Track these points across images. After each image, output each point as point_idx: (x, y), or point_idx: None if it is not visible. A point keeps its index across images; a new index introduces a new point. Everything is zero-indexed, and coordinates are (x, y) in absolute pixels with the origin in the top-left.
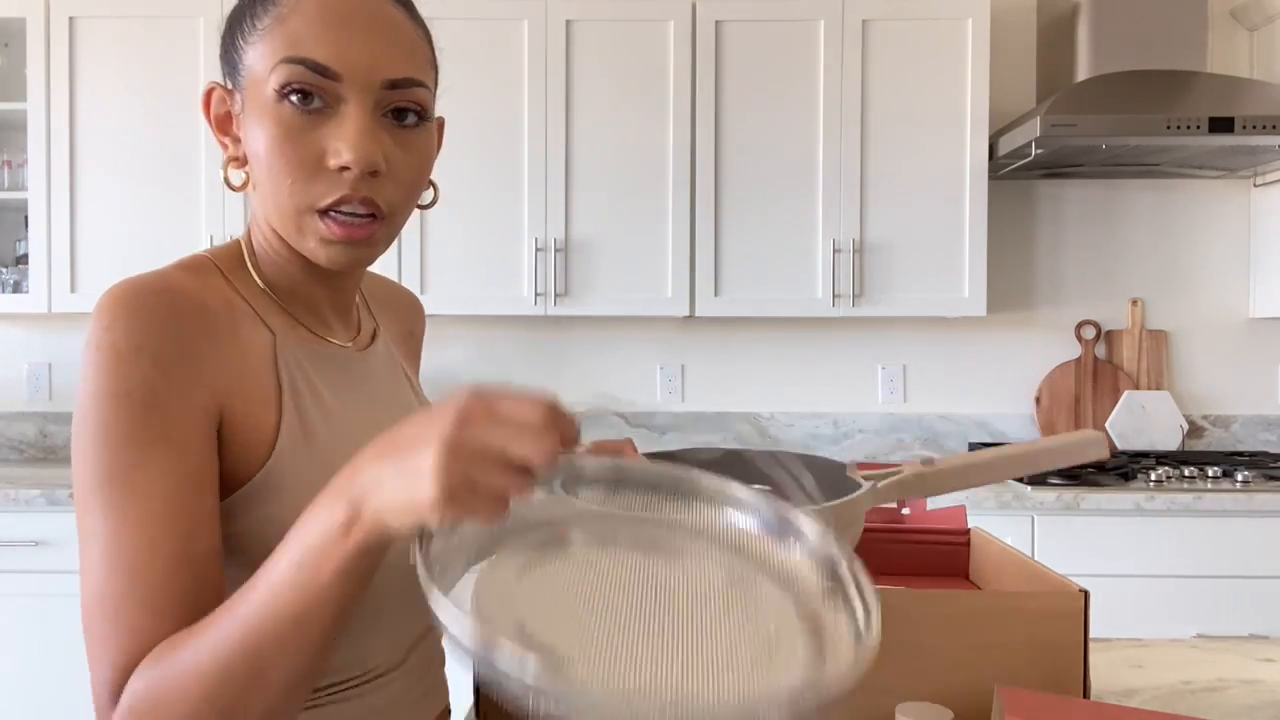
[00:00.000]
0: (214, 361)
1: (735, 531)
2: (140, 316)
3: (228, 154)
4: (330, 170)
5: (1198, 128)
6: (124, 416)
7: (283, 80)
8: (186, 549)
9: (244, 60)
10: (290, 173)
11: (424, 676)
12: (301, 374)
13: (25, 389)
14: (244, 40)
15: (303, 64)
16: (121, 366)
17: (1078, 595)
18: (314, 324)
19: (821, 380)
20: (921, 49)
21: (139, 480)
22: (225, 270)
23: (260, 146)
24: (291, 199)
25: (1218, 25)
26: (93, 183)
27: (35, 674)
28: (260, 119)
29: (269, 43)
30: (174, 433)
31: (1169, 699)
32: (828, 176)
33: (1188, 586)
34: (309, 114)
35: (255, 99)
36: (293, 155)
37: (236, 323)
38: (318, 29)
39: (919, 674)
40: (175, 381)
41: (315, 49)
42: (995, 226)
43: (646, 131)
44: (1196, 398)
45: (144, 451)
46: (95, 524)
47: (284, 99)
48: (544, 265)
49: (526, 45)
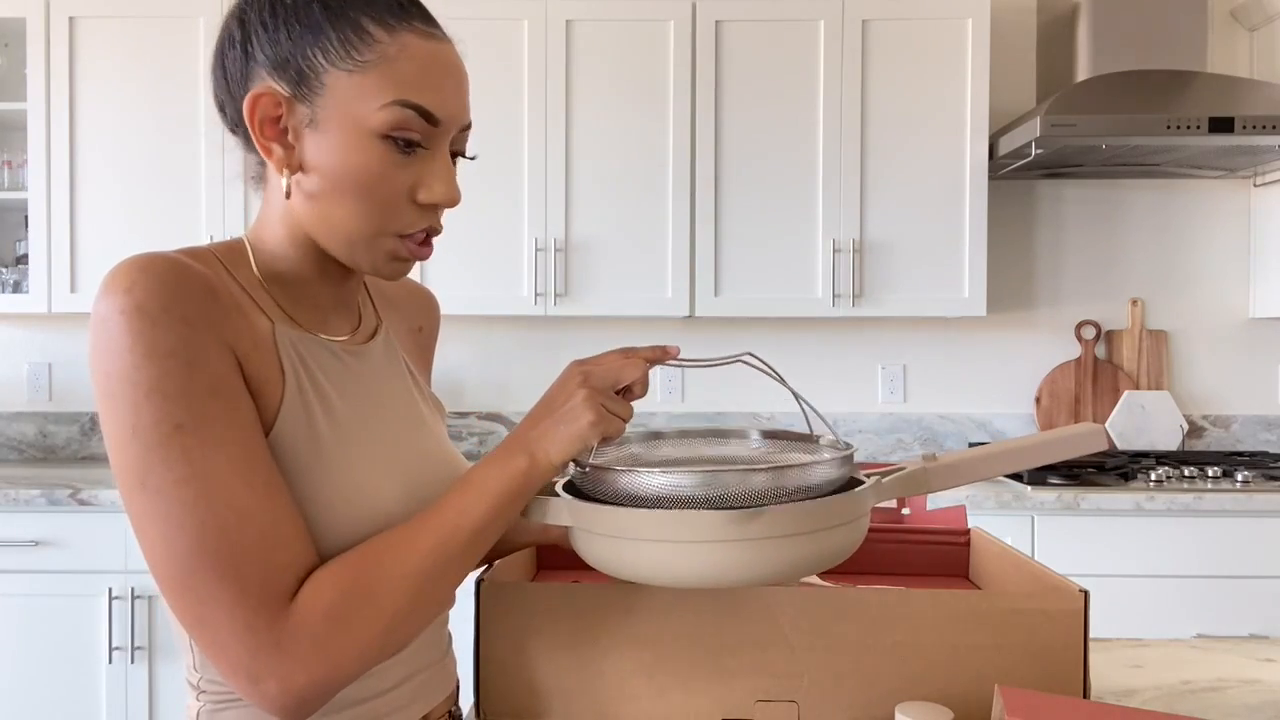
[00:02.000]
0: (227, 329)
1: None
2: (160, 279)
3: (273, 158)
4: (416, 203)
5: (1198, 128)
6: (176, 373)
7: (394, 123)
8: (275, 482)
9: (324, 80)
10: (379, 206)
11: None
12: (301, 361)
13: (25, 389)
14: (325, 59)
15: (416, 110)
16: (158, 326)
17: (1078, 595)
18: (312, 319)
19: (821, 380)
20: (921, 49)
21: (212, 431)
22: (226, 263)
23: (342, 173)
24: (370, 225)
25: (1218, 25)
26: (93, 183)
27: (35, 674)
28: (350, 148)
29: (375, 79)
30: (222, 386)
31: (1169, 699)
32: (828, 176)
33: (1188, 586)
34: (405, 154)
35: (342, 124)
36: (386, 191)
37: (240, 305)
38: (429, 78)
39: (919, 674)
40: (206, 339)
41: (426, 97)
42: (995, 226)
43: (646, 131)
44: (1196, 398)
45: (205, 405)
46: (178, 473)
47: (387, 139)
48: (544, 265)
49: (526, 45)
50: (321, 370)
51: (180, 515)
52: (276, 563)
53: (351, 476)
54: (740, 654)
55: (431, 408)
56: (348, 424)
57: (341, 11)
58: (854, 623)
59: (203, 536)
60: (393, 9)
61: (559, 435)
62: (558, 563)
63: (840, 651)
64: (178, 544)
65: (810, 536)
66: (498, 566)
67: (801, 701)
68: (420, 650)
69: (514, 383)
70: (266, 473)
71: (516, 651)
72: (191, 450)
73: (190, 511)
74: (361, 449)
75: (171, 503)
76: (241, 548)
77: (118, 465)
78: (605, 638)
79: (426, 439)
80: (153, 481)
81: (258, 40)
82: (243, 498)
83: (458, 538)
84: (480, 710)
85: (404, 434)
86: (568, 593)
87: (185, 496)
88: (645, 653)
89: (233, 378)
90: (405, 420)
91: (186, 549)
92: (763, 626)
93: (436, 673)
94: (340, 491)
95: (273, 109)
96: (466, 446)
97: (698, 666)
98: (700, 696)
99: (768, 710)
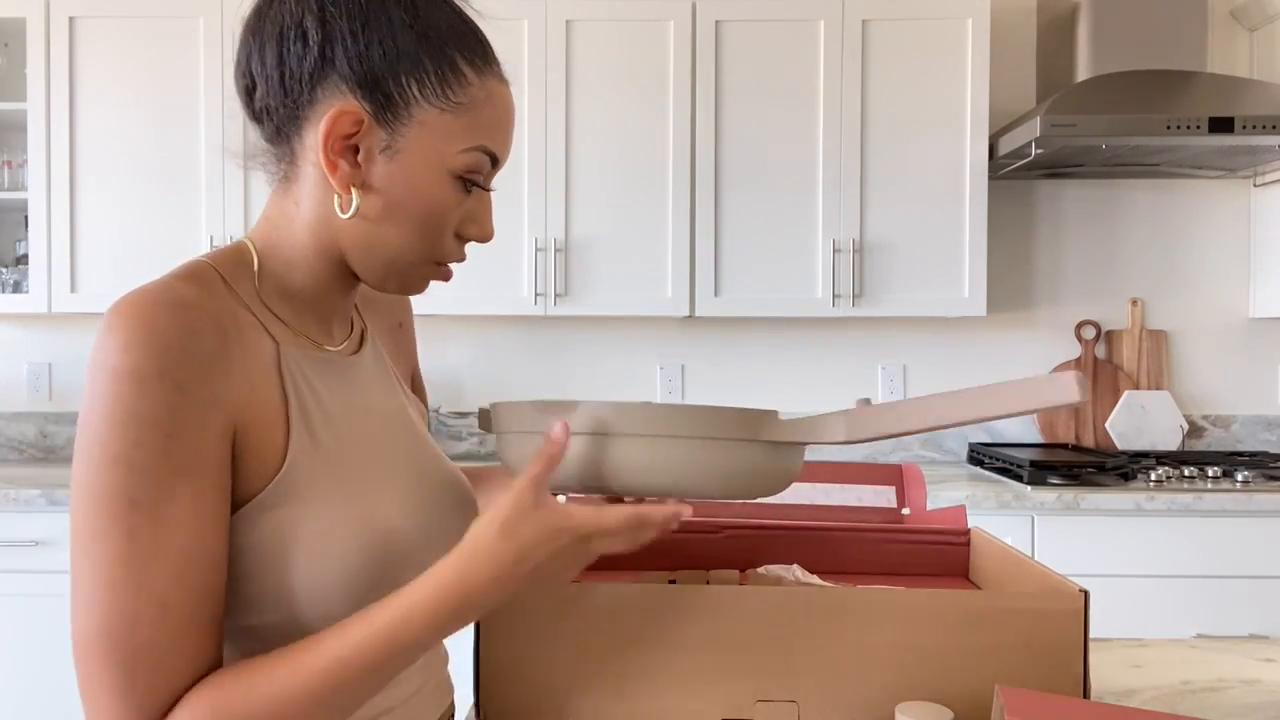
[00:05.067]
0: (229, 380)
1: None
2: (161, 338)
3: (338, 174)
4: (459, 237)
5: (1198, 128)
6: (150, 444)
7: (472, 167)
8: (210, 582)
9: (412, 111)
10: (432, 238)
11: (430, 677)
12: (305, 381)
13: (25, 389)
14: (421, 93)
15: (490, 156)
16: (145, 393)
17: (1078, 595)
18: (318, 331)
19: (821, 380)
20: (921, 49)
21: (166, 512)
22: (227, 277)
23: (410, 203)
24: (418, 254)
25: (1218, 25)
26: (93, 183)
27: (35, 674)
28: (426, 182)
29: (464, 121)
30: (196, 463)
31: (1169, 699)
32: (828, 176)
33: (1188, 586)
34: (468, 193)
35: (424, 159)
36: (443, 225)
37: (243, 333)
38: (504, 125)
39: (919, 674)
40: (197, 407)
41: (499, 145)
42: (995, 226)
43: (646, 131)
44: (1196, 398)
45: (170, 482)
46: (115, 550)
47: (459, 178)
48: (544, 265)
49: (526, 45)
50: (326, 387)
51: (102, 593)
52: (172, 667)
53: (361, 496)
54: (740, 654)
55: (417, 412)
56: (350, 435)
57: (439, 46)
58: (854, 623)
59: (112, 621)
60: (480, 51)
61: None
62: None
63: (840, 651)
64: (92, 616)
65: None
66: None
67: (801, 701)
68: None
69: (514, 383)
70: (205, 570)
71: (516, 651)
72: (138, 531)
73: (112, 592)
74: (366, 467)
75: (99, 577)
76: (146, 645)
77: (71, 511)
78: (605, 638)
79: (422, 450)
80: (93, 548)
81: (344, 49)
82: (170, 592)
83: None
84: (480, 710)
85: (402, 446)
86: (568, 593)
87: (114, 576)
88: (645, 653)
89: (214, 451)
90: (401, 431)
91: (95, 626)
92: (763, 626)
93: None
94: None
95: (350, 127)
96: (466, 446)
97: (698, 666)
98: (700, 696)
99: (768, 710)
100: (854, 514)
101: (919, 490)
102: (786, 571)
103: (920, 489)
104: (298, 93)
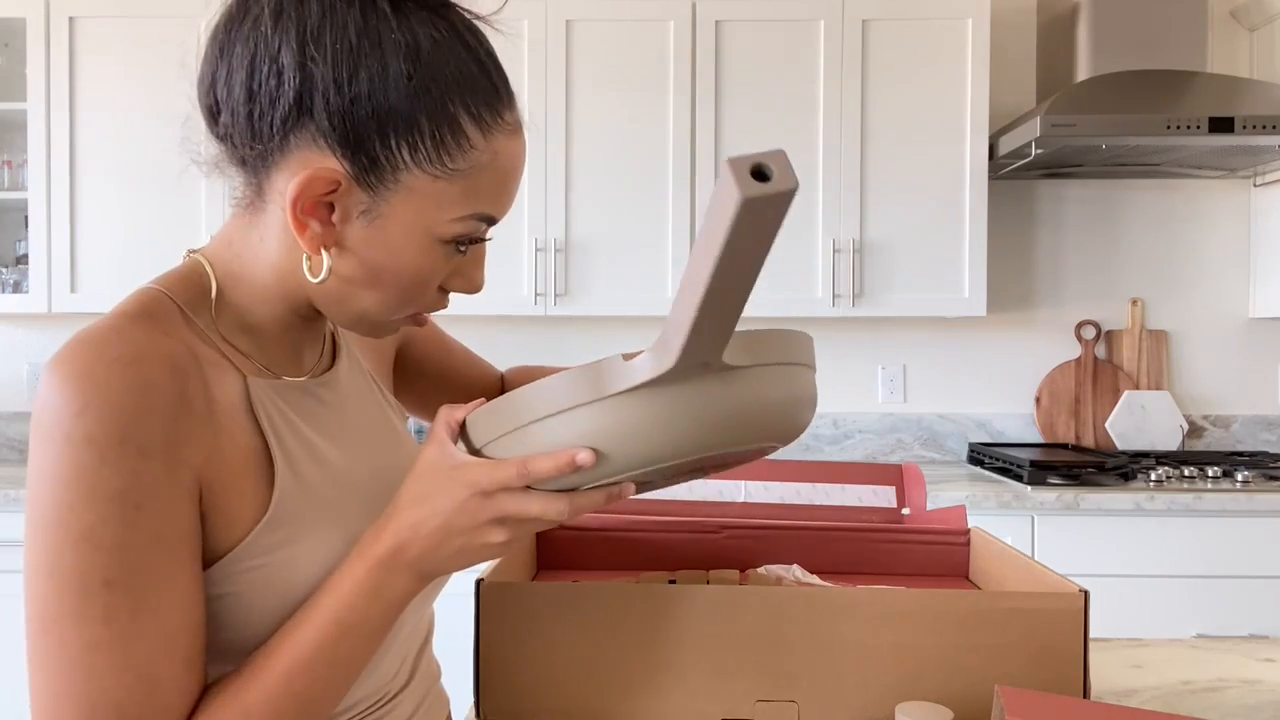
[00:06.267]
0: (192, 433)
1: None
2: (115, 401)
3: (307, 235)
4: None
5: (1198, 128)
6: (118, 519)
7: (464, 233)
8: (195, 652)
9: (400, 178)
10: (412, 297)
11: (427, 692)
12: (280, 414)
13: (25, 389)
14: (412, 159)
15: (488, 222)
16: (106, 464)
17: (1078, 595)
18: (284, 361)
19: (821, 380)
20: (921, 49)
21: (144, 588)
22: (185, 307)
23: (388, 268)
24: (392, 311)
25: (1218, 25)
26: (93, 183)
27: None
28: (409, 249)
29: (460, 190)
30: (169, 530)
31: (1169, 699)
32: (828, 176)
33: (1188, 586)
34: (460, 254)
35: (408, 226)
36: (427, 287)
37: (206, 377)
38: (509, 184)
39: (919, 674)
40: (162, 471)
41: (499, 208)
42: (995, 226)
43: (646, 131)
44: (1196, 398)
45: (144, 556)
46: (92, 635)
47: (450, 243)
48: (544, 265)
49: (527, 45)
50: (302, 417)
51: (81, 681)
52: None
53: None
54: (740, 654)
55: (399, 418)
56: (333, 461)
57: (440, 101)
58: (854, 623)
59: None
60: (490, 100)
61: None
62: (558, 563)
63: (840, 651)
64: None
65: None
66: (497, 567)
67: (801, 701)
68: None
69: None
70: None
71: (516, 651)
72: (117, 610)
73: (93, 680)
74: (354, 493)
75: (75, 663)
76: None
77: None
78: (605, 638)
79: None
80: (60, 632)
81: (324, 100)
82: (159, 667)
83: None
84: (480, 710)
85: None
86: (568, 593)
87: (95, 662)
88: (645, 653)
89: (185, 513)
90: (385, 446)
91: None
92: (763, 626)
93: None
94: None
95: (326, 187)
96: None
97: (698, 666)
98: (700, 696)
99: (768, 710)
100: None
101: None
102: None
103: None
104: (268, 137)
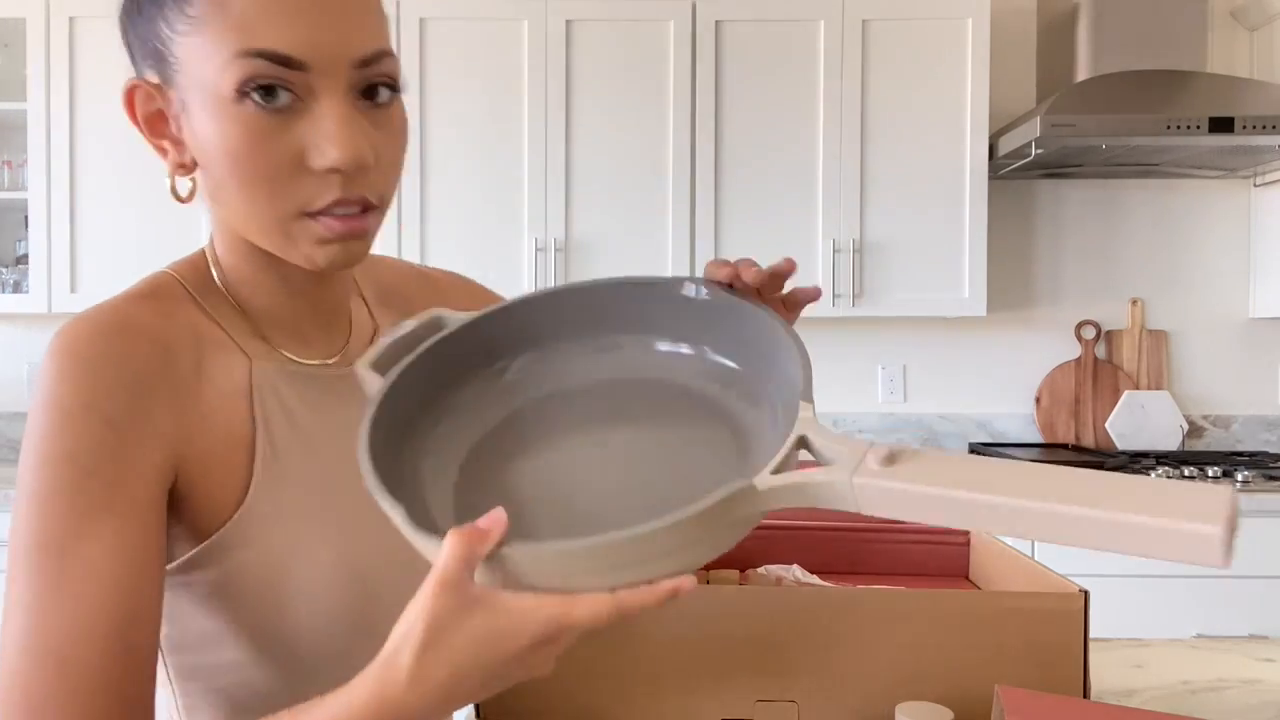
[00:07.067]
0: (172, 410)
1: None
2: (93, 368)
3: (169, 159)
4: (314, 171)
5: (1198, 128)
6: (65, 481)
7: (241, 78)
8: (123, 637)
9: (174, 52)
10: (268, 180)
11: None
12: (278, 401)
13: (25, 389)
14: (169, 29)
15: (262, 57)
16: (69, 426)
17: (1078, 595)
18: (292, 344)
19: (821, 380)
20: (921, 49)
21: (77, 553)
22: (194, 290)
23: (220, 153)
24: (273, 207)
25: (1218, 25)
26: (93, 183)
27: None
28: (216, 122)
29: (211, 33)
30: (120, 501)
31: (1169, 699)
32: (828, 176)
33: (1188, 586)
34: (277, 112)
35: (203, 99)
36: (267, 161)
37: (203, 357)
38: (272, 12)
39: (919, 674)
40: (127, 443)
41: (273, 37)
42: (995, 226)
43: (646, 131)
44: (1196, 398)
45: (83, 521)
46: (20, 594)
47: (244, 99)
48: (544, 265)
49: (526, 45)
50: (303, 402)
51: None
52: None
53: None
54: (740, 654)
55: None
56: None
57: None
58: (854, 623)
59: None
60: None
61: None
62: None
63: (840, 651)
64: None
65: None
66: None
67: (801, 701)
68: None
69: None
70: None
71: None
72: (44, 573)
73: (10, 641)
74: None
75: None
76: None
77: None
78: (604, 638)
79: None
80: (10, 592)
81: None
82: (70, 648)
83: None
84: (480, 711)
85: None
86: None
87: (10, 625)
88: (645, 653)
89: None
90: None
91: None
92: (763, 626)
93: None
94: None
95: (149, 103)
96: None
97: (697, 666)
98: (700, 696)
99: (768, 710)
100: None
101: None
102: (786, 571)
103: None
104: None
